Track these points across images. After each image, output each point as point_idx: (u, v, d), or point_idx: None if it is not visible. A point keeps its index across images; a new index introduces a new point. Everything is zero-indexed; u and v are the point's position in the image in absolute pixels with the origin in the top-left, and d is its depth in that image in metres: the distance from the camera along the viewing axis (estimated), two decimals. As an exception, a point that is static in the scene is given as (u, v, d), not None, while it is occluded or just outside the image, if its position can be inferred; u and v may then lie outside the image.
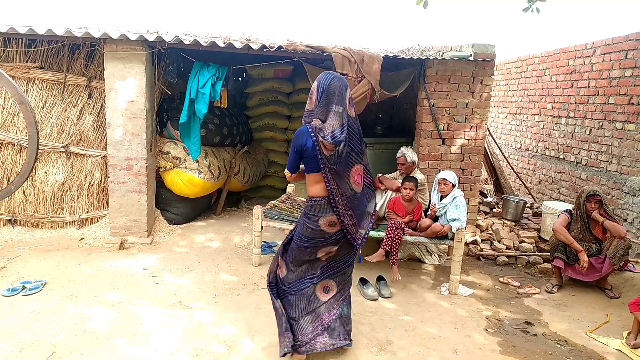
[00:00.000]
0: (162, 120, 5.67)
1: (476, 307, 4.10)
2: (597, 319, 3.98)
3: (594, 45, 6.38)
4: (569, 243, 4.46)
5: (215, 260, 4.83)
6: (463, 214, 4.33)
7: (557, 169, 7.24)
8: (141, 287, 4.08)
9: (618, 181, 5.78)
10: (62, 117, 5.21)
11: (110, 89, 4.92)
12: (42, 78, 5.12)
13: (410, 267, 4.97)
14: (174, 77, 5.52)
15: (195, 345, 3.17)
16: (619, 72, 5.85)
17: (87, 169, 5.34)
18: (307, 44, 5.03)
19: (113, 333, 3.28)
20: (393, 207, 4.62)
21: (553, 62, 7.38)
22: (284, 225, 4.63)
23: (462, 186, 5.48)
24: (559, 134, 7.23)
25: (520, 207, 6.08)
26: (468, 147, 5.59)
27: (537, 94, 7.90)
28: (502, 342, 3.50)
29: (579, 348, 3.48)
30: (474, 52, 5.24)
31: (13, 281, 3.98)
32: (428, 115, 5.46)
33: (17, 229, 5.25)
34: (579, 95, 6.69)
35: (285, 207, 4.96)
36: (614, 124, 5.94)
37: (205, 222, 6.15)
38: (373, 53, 5.09)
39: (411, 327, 3.63)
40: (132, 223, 5.16)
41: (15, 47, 5.03)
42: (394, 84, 5.43)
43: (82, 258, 4.66)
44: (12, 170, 5.15)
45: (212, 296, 3.98)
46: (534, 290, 4.51)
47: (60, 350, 3.03)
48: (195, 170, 5.65)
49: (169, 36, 4.90)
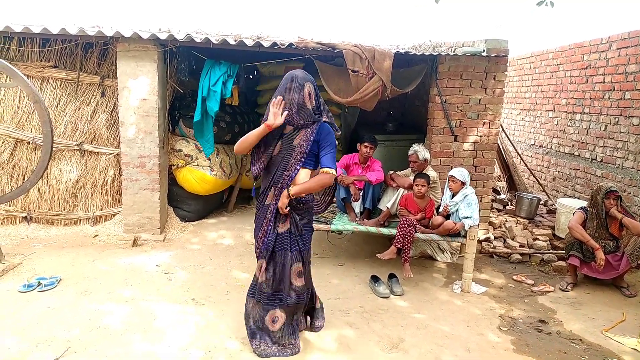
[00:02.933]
0: (174, 118, 5.70)
1: (489, 305, 4.06)
2: (612, 317, 3.92)
3: (609, 39, 6.27)
4: (585, 241, 4.40)
5: (227, 257, 4.85)
6: (475, 211, 4.29)
7: (571, 166, 7.14)
8: (154, 283, 4.11)
9: (634, 178, 5.68)
10: (75, 115, 5.27)
11: (123, 87, 4.96)
12: (56, 77, 5.18)
13: (422, 265, 4.94)
14: (186, 75, 5.55)
15: (208, 342, 3.18)
16: (636, 67, 5.74)
17: (101, 167, 5.39)
18: (318, 41, 5.02)
19: (127, 329, 3.31)
20: (405, 204, 4.60)
21: (567, 57, 7.27)
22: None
23: (475, 183, 5.43)
24: (573, 130, 7.13)
25: (534, 205, 6.01)
26: (481, 144, 5.53)
27: (551, 90, 7.79)
28: (515, 340, 3.46)
29: (594, 347, 3.43)
30: (487, 48, 5.18)
31: (29, 277, 4.04)
32: (440, 112, 5.41)
33: (32, 226, 5.33)
34: (594, 90, 6.59)
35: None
36: (630, 119, 5.83)
37: (217, 219, 6.18)
38: (384, 49, 5.05)
39: (423, 325, 3.61)
40: (145, 220, 5.20)
41: (30, 47, 5.10)
42: (405, 80, 5.40)
43: (96, 255, 4.71)
44: (27, 168, 5.22)
45: (224, 293, 3.99)
46: (548, 288, 4.46)
47: (75, 345, 3.06)
48: (207, 168, 5.67)
49: (181, 34, 4.92)
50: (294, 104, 2.82)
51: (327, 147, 2.88)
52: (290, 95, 2.82)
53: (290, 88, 2.82)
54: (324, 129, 2.89)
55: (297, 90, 2.82)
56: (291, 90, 2.82)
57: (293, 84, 2.83)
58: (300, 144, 2.86)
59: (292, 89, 2.82)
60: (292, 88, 2.82)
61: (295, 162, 2.87)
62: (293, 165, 2.87)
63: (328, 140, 2.89)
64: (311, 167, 2.96)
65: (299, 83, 2.82)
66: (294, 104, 2.82)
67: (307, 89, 2.85)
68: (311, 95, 2.87)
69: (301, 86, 2.83)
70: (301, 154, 2.86)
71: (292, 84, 2.83)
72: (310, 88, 2.87)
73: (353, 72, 4.92)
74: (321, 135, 2.87)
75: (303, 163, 2.89)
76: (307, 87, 2.84)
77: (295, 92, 2.82)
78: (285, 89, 2.84)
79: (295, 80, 2.84)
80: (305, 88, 2.83)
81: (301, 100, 2.82)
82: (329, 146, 2.89)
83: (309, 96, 2.86)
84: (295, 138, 2.88)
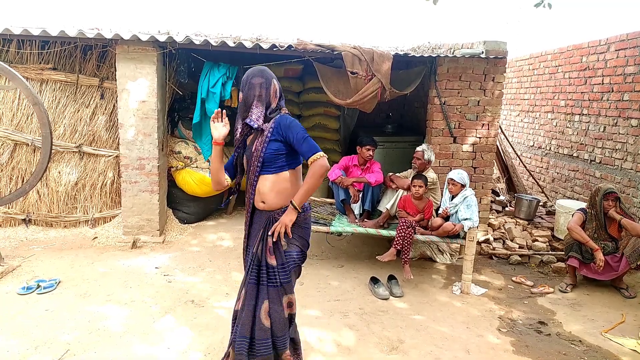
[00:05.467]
0: (174, 120, 5.71)
1: (489, 307, 4.06)
2: (612, 318, 3.92)
3: (608, 41, 6.28)
4: (584, 242, 4.40)
5: (227, 259, 4.85)
6: (474, 213, 4.29)
7: (570, 167, 7.15)
8: (153, 285, 4.11)
9: (633, 179, 5.69)
10: (75, 117, 5.27)
11: (122, 89, 4.96)
12: (55, 79, 5.18)
13: (421, 266, 4.94)
14: (185, 77, 5.55)
15: (208, 344, 3.18)
16: (634, 68, 5.75)
17: (100, 169, 5.39)
18: (317, 42, 5.03)
19: (126, 331, 3.30)
20: (404, 205, 4.61)
21: (566, 58, 7.29)
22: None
23: (474, 185, 5.43)
24: (572, 131, 7.14)
25: (533, 206, 6.02)
26: (480, 145, 5.54)
27: (549, 91, 7.80)
28: (515, 342, 3.46)
29: (594, 348, 3.43)
30: (486, 50, 5.19)
31: (28, 280, 4.03)
32: (439, 114, 5.42)
33: (31, 228, 5.33)
34: (593, 92, 6.60)
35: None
36: (629, 121, 5.84)
37: (217, 221, 6.18)
38: (383, 51, 5.06)
39: (423, 327, 3.61)
40: (145, 222, 5.20)
41: (29, 49, 5.10)
42: (404, 82, 5.41)
43: (95, 257, 4.71)
44: (26, 170, 5.22)
45: (224, 295, 3.99)
46: (547, 289, 4.46)
47: (74, 348, 3.06)
48: (206, 170, 5.67)
49: (180, 36, 4.93)
50: (253, 101, 2.42)
51: (297, 136, 2.41)
52: (254, 91, 2.42)
53: (255, 84, 2.43)
54: (282, 123, 2.43)
55: (263, 86, 2.43)
56: (255, 86, 2.42)
57: (258, 79, 2.43)
58: (256, 147, 2.45)
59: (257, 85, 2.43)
60: (256, 84, 2.43)
61: (254, 169, 2.46)
62: (253, 174, 2.47)
63: (294, 130, 2.41)
64: (280, 170, 2.48)
65: (265, 79, 2.43)
66: (253, 101, 2.42)
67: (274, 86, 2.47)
68: (277, 92, 2.48)
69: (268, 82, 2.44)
70: (257, 159, 2.44)
71: (256, 80, 2.43)
72: (276, 85, 2.48)
73: (352, 74, 4.93)
74: (283, 130, 2.42)
75: (261, 169, 2.45)
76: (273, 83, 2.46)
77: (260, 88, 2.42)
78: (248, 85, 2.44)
79: (262, 75, 2.45)
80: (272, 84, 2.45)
81: (268, 99, 2.44)
82: (299, 134, 2.41)
83: (275, 93, 2.47)
84: (253, 143, 2.49)
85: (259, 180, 2.48)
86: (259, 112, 2.43)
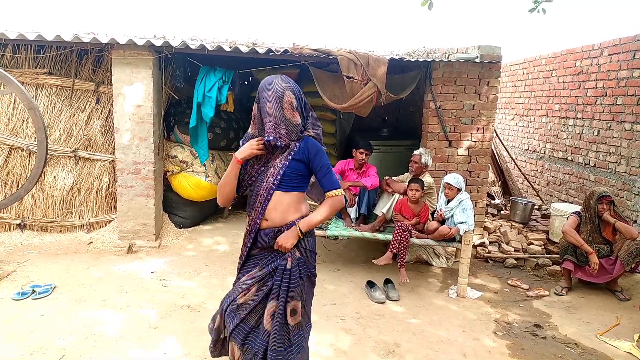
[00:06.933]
0: (169, 124, 5.70)
1: (485, 310, 4.08)
2: (607, 321, 3.94)
3: (601, 46, 6.34)
4: (579, 245, 4.43)
5: (223, 264, 4.84)
6: (470, 217, 4.31)
7: (565, 171, 7.19)
8: (149, 290, 4.09)
9: (627, 182, 5.73)
10: (70, 122, 5.26)
11: (118, 93, 4.95)
12: (51, 84, 5.17)
13: (417, 270, 4.95)
14: (181, 81, 5.56)
15: (204, 349, 3.16)
16: (627, 72, 5.81)
17: (96, 174, 5.37)
18: (313, 47, 5.05)
19: (122, 336, 3.29)
20: (400, 209, 4.62)
21: (560, 63, 7.34)
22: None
23: (469, 188, 5.45)
24: (566, 135, 7.19)
25: (528, 209, 6.05)
26: (475, 149, 5.57)
27: (544, 96, 7.85)
28: (511, 345, 3.47)
29: (589, 351, 3.45)
30: (480, 54, 5.23)
31: (23, 285, 4.01)
32: (434, 118, 5.45)
33: (26, 233, 5.30)
34: (587, 96, 6.65)
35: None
36: (622, 124, 5.89)
37: (213, 225, 6.17)
38: (379, 56, 5.09)
39: (419, 330, 3.61)
40: (140, 227, 5.18)
41: (24, 54, 5.09)
42: (400, 86, 5.43)
43: (90, 262, 4.69)
44: (21, 175, 5.20)
45: (220, 299, 3.97)
46: (543, 292, 4.48)
47: (70, 353, 3.04)
48: (202, 174, 5.67)
49: (176, 41, 4.93)
50: (272, 119, 2.20)
51: (322, 168, 2.30)
52: (267, 107, 2.20)
53: (267, 99, 2.21)
54: (311, 146, 2.29)
55: (275, 100, 2.20)
56: (268, 101, 2.20)
57: (268, 93, 2.21)
58: (275, 163, 2.29)
59: (269, 99, 2.20)
60: (268, 99, 2.20)
61: (267, 185, 2.30)
62: (265, 189, 2.30)
63: (320, 159, 2.30)
64: (292, 189, 2.34)
65: (275, 92, 2.20)
66: (272, 119, 2.20)
67: (287, 98, 2.22)
68: (293, 104, 2.24)
69: (279, 96, 2.21)
70: (273, 175, 2.28)
71: (266, 94, 2.21)
72: (291, 97, 2.23)
73: (348, 78, 4.95)
74: (311, 154, 2.28)
75: (277, 186, 2.29)
76: (287, 95, 2.22)
77: (273, 102, 2.20)
78: (262, 99, 2.23)
79: (270, 88, 2.22)
80: (285, 97, 2.21)
81: (280, 114, 2.21)
82: (324, 166, 2.31)
83: (291, 106, 2.24)
84: (273, 159, 2.31)
85: (272, 196, 2.32)
86: (276, 128, 2.22)
